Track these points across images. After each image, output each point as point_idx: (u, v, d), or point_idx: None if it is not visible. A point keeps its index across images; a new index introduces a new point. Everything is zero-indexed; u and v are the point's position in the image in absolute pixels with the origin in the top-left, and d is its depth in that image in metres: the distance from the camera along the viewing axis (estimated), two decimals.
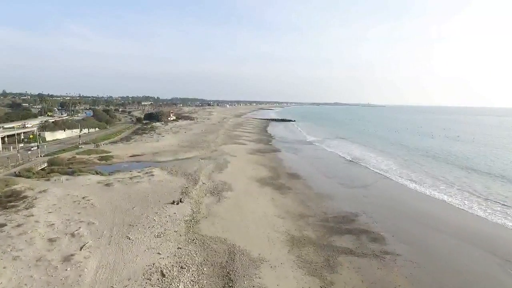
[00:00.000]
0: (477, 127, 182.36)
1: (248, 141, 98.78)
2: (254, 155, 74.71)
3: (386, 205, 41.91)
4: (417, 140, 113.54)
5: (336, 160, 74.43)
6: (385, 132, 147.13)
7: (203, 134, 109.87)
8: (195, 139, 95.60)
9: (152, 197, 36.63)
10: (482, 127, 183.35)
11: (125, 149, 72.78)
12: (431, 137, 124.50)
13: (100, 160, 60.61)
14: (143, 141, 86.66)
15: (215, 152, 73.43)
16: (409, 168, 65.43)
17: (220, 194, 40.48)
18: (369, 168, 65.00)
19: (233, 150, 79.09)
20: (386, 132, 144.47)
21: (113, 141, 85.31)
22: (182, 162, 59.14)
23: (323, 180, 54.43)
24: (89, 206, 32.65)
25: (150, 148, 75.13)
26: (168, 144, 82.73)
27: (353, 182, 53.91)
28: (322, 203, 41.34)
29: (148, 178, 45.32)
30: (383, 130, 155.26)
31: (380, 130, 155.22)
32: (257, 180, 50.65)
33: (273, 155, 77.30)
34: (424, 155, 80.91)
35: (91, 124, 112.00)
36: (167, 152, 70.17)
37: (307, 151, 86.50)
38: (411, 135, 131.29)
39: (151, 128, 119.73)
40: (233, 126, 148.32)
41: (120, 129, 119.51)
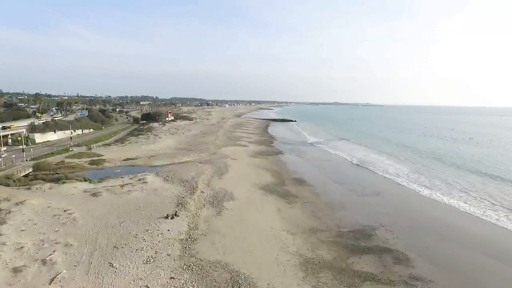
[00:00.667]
0: (490, 128, 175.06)
1: (249, 143, 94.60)
2: (256, 158, 70.53)
3: (403, 216, 37.79)
4: (424, 142, 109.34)
5: (342, 164, 70.33)
6: (388, 133, 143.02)
7: (202, 135, 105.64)
8: (194, 140, 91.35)
9: (143, 210, 32.39)
10: (494, 128, 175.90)
11: (119, 152, 68.48)
12: (440, 139, 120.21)
13: (91, 165, 56.34)
14: (139, 143, 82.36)
15: (214, 155, 69.20)
16: (420, 173, 61.23)
17: (221, 205, 36.26)
18: (378, 173, 60.83)
19: (234, 152, 74.88)
20: (389, 133, 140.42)
21: (106, 143, 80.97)
22: (179, 167, 54.90)
23: (331, 186, 50.29)
24: (70, 221, 28.40)
25: (145, 151, 70.84)
26: (165, 147, 78.45)
27: (364, 188, 49.76)
28: (333, 214, 37.20)
29: (141, 185, 41.07)
30: (386, 131, 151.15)
31: (383, 131, 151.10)
32: (261, 187, 46.45)
33: (276, 157, 73.14)
34: (434, 159, 76.63)
35: (86, 125, 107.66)
36: (164, 156, 65.90)
37: (310, 153, 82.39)
38: (416, 136, 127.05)
39: (148, 129, 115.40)
40: (233, 127, 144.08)
41: (116, 130, 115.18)
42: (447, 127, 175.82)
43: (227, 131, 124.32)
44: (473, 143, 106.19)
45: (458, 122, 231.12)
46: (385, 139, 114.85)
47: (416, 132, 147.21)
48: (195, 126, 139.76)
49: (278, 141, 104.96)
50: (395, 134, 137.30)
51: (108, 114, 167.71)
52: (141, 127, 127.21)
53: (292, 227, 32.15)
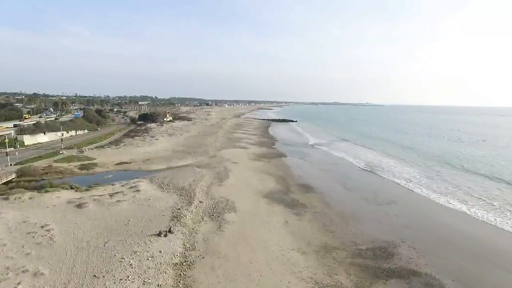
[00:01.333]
0: (495, 129, 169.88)
1: (250, 144, 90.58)
2: (258, 161, 66.51)
3: (424, 229, 33.83)
4: (430, 144, 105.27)
5: (349, 167, 66.29)
6: (392, 134, 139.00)
7: (200, 136, 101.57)
8: (192, 142, 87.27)
9: (133, 225, 28.36)
10: (501, 129, 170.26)
11: (112, 155, 64.38)
12: (446, 140, 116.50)
13: (80, 169, 52.25)
14: (134, 145, 78.22)
15: (214, 158, 65.17)
16: (432, 178, 57.19)
17: (221, 218, 32.23)
18: (387, 178, 56.75)
19: (234, 155, 70.87)
20: (394, 134, 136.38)
21: (100, 145, 76.81)
22: (176, 172, 50.86)
23: (340, 194, 46.31)
24: (46, 241, 24.37)
25: (140, 154, 66.75)
26: (162, 149, 74.36)
27: (376, 196, 45.78)
28: (347, 227, 33.22)
29: (133, 194, 37.03)
30: (390, 132, 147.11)
31: (386, 132, 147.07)
32: (265, 194, 42.44)
33: (279, 161, 69.13)
34: (444, 162, 72.41)
35: (80, 126, 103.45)
36: (160, 159, 61.83)
37: (314, 156, 78.41)
38: (421, 137, 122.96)
39: (144, 130, 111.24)
40: (233, 127, 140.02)
41: (112, 131, 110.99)
42: (451, 128, 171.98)
43: (227, 132, 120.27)
44: (481, 145, 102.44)
45: (461, 122, 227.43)
46: (390, 141, 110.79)
47: (421, 133, 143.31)
48: (193, 126, 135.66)
49: (280, 143, 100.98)
50: (399, 135, 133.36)
51: (105, 114, 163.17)
52: (137, 128, 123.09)
53: (303, 244, 28.16)
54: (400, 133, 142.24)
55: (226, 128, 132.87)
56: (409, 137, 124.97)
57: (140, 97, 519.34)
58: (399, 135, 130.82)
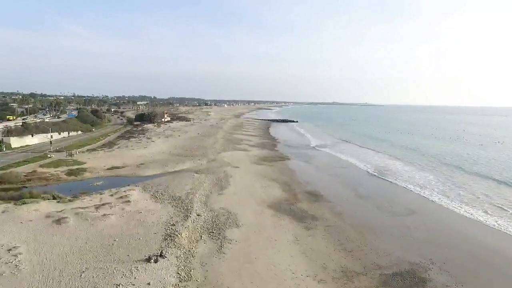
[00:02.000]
0: (501, 130, 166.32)
1: (251, 146, 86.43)
2: (261, 165, 62.33)
3: (453, 247, 29.66)
4: (438, 145, 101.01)
5: (356, 172, 62.09)
6: (396, 135, 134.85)
7: (199, 138, 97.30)
8: (190, 144, 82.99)
9: (119, 246, 24.14)
10: (506, 130, 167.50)
11: (104, 159, 60.08)
12: (452, 142, 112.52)
13: (68, 175, 47.96)
14: (129, 148, 73.89)
15: (213, 162, 60.96)
16: (446, 184, 52.85)
17: (222, 235, 28.00)
18: (400, 185, 52.42)
19: (235, 158, 66.68)
20: (398, 135, 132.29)
21: (92, 148, 72.40)
22: (172, 178, 46.63)
23: (352, 202, 42.18)
24: (10, 270, 20.12)
25: (135, 158, 62.46)
26: (158, 152, 70.05)
27: (391, 205, 41.65)
28: (366, 244, 29.04)
29: (122, 206, 32.79)
30: (393, 133, 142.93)
31: (391, 133, 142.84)
32: (270, 204, 38.26)
33: (282, 164, 64.99)
34: (455, 166, 67.64)
35: (73, 127, 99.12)
36: (155, 164, 57.56)
37: (319, 159, 74.33)
38: (427, 139, 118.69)
39: (141, 131, 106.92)
40: (233, 128, 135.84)
41: (107, 132, 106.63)
42: (455, 128, 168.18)
43: (226, 133, 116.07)
44: (491, 146, 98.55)
45: (464, 123, 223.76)
46: (395, 142, 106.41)
47: (425, 134, 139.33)
48: (192, 127, 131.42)
49: (282, 144, 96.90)
50: (403, 136, 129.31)
51: (101, 114, 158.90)
52: (134, 128, 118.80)
53: (319, 268, 23.97)
54: (404, 134, 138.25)
55: (225, 129, 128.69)
56: (414, 138, 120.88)
57: (138, 97, 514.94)
58: (404, 136, 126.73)
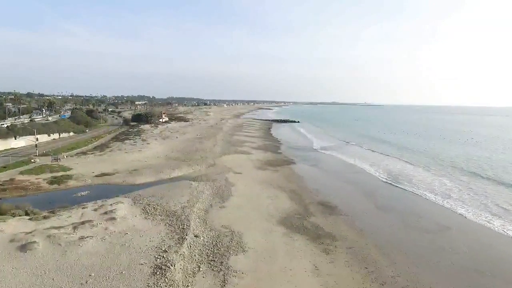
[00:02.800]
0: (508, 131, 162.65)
1: (253, 149, 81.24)
2: (265, 170, 57.18)
3: (510, 278, 24.63)
4: (450, 149, 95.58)
5: (369, 178, 56.85)
6: (402, 136, 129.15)
7: (198, 139, 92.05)
8: (188, 147, 77.73)
9: (94, 284, 18.93)
10: None
11: (94, 164, 54.84)
12: (462, 144, 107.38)
13: (50, 184, 42.71)
14: (122, 151, 68.58)
15: (213, 168, 55.77)
16: (471, 194, 47.78)
17: (225, 265, 22.78)
18: (421, 195, 46.83)
19: (237, 162, 61.52)
20: (405, 137, 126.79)
21: (82, 151, 67.02)
22: (167, 188, 41.42)
23: (372, 216, 37.04)
24: None
25: (128, 162, 57.21)
26: (153, 155, 64.81)
27: (417, 219, 36.49)
28: (400, 273, 23.88)
29: (105, 225, 27.58)
30: (400, 134, 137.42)
31: (397, 134, 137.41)
32: (280, 220, 33.08)
33: (288, 169, 59.88)
34: (472, 173, 62.07)
35: (65, 128, 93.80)
36: (149, 169, 52.29)
37: (326, 163, 69.24)
38: (436, 141, 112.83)
39: (136, 133, 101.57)
40: (233, 129, 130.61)
41: (101, 133, 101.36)
42: (462, 129, 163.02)
43: (227, 134, 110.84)
44: (502, 150, 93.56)
45: (468, 123, 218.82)
46: (403, 145, 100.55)
47: (433, 135, 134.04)
48: (191, 128, 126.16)
49: (285, 146, 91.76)
50: (410, 138, 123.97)
51: (96, 115, 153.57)
52: (130, 129, 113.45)
53: None
54: (410, 135, 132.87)
55: (225, 130, 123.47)
56: (421, 140, 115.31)
57: (137, 97, 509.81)
58: (410, 138, 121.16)
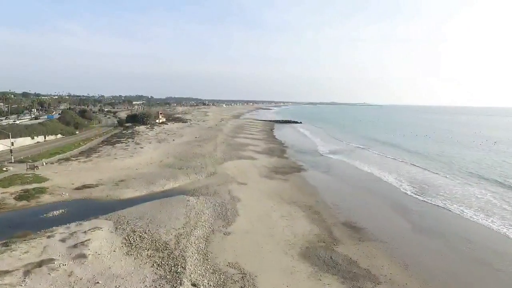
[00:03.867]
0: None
1: (257, 153, 74.05)
2: (273, 179, 50.00)
3: None
4: (468, 154, 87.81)
5: (391, 189, 49.53)
6: (413, 139, 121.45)
7: (197, 142, 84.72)
8: (186, 151, 70.39)
9: None
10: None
11: (76, 173, 47.46)
12: (476, 148, 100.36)
13: (18, 200, 35.30)
14: (111, 156, 61.16)
15: (214, 177, 48.49)
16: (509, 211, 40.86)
17: None
18: (458, 213, 39.52)
19: (240, 170, 54.32)
20: (414, 140, 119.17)
21: (66, 157, 59.41)
22: (158, 207, 34.07)
23: (413, 242, 29.86)
24: None
25: (115, 171, 49.83)
26: (146, 162, 57.47)
27: (470, 247, 29.34)
28: None
29: (71, 267, 20.29)
30: (408, 137, 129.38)
31: (406, 137, 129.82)
32: (302, 252, 25.83)
33: (299, 178, 52.75)
34: (500, 183, 55.31)
35: (52, 130, 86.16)
36: (139, 180, 44.91)
37: (338, 170, 62.00)
38: (451, 145, 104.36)
39: (130, 135, 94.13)
40: (234, 130, 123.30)
41: (91, 135, 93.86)
42: (470, 132, 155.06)
43: (227, 136, 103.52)
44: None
45: (477, 125, 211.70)
46: (416, 149, 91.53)
47: (443, 138, 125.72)
48: (189, 130, 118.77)
49: (291, 150, 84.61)
50: (419, 141, 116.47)
51: (90, 115, 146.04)
52: (123, 131, 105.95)
53: None
54: (419, 138, 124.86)
55: (226, 132, 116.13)
56: (434, 144, 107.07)
57: (135, 97, 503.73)
58: (421, 141, 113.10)
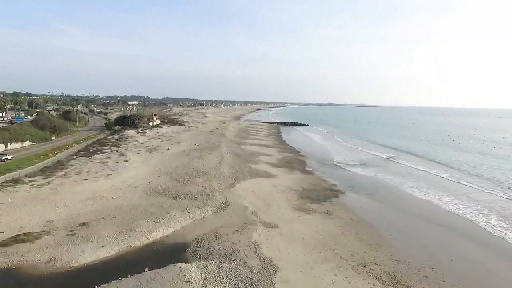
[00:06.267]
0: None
1: (273, 167, 58.62)
2: (310, 213, 34.48)
3: None
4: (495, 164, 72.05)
5: (481, 233, 34.44)
6: (440, 147, 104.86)
7: (197, 152, 68.80)
8: (184, 166, 54.45)
9: None
10: None
11: (16, 209, 31.30)
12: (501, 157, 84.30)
13: None
14: (82, 175, 45.07)
15: (225, 214, 32.68)
16: None
17: None
18: None
19: (261, 197, 38.68)
20: (444, 148, 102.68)
21: (16, 177, 42.84)
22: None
23: None
24: None
25: (80, 202, 33.76)
26: (128, 184, 41.43)
27: None
28: None
29: None
30: (426, 143, 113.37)
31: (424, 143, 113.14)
32: None
33: (342, 208, 37.57)
34: None
35: (17, 136, 69.77)
36: (111, 222, 28.79)
37: (385, 194, 47.12)
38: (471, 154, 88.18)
39: (116, 141, 77.89)
40: (238, 135, 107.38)
41: (69, 142, 77.81)
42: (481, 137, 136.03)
43: (232, 142, 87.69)
44: None
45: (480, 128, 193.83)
46: (460, 163, 72.71)
47: (463, 144, 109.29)
48: (187, 134, 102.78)
49: (311, 160, 69.40)
50: (452, 150, 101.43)
51: (74, 117, 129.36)
52: (109, 136, 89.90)
53: None
54: (447, 145, 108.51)
55: (230, 137, 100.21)
56: (474, 155, 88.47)
57: (131, 97, 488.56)
58: (452, 150, 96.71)
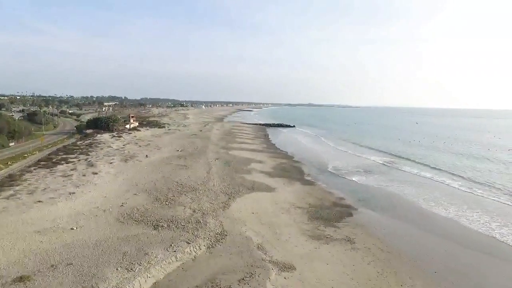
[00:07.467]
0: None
1: (268, 176, 50.89)
2: (329, 242, 26.87)
3: None
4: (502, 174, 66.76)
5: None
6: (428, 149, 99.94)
7: (181, 160, 59.99)
8: (165, 179, 45.61)
9: None
10: None
11: None
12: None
13: None
14: (36, 194, 35.52)
15: (223, 249, 24.41)
16: None
17: None
18: None
19: (264, 221, 30.84)
20: (429, 150, 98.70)
21: None
22: None
23: None
24: None
25: (25, 238, 24.60)
26: (94, 207, 32.40)
27: None
28: None
29: None
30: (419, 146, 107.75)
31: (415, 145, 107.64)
32: None
33: (361, 231, 30.93)
34: None
35: None
36: (64, 271, 20.09)
37: (404, 212, 39.75)
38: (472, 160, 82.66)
39: (86, 148, 67.73)
40: (224, 138, 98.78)
41: (30, 148, 67.09)
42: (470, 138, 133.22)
43: (219, 147, 79.18)
44: None
45: (483, 131, 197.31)
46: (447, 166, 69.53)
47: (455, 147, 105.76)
48: (168, 138, 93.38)
49: (308, 168, 62.29)
50: (465, 159, 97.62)
51: (41, 119, 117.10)
52: (79, 141, 79.45)
53: None
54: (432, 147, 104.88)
55: (215, 140, 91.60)
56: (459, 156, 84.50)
57: (108, 98, 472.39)
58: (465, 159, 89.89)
